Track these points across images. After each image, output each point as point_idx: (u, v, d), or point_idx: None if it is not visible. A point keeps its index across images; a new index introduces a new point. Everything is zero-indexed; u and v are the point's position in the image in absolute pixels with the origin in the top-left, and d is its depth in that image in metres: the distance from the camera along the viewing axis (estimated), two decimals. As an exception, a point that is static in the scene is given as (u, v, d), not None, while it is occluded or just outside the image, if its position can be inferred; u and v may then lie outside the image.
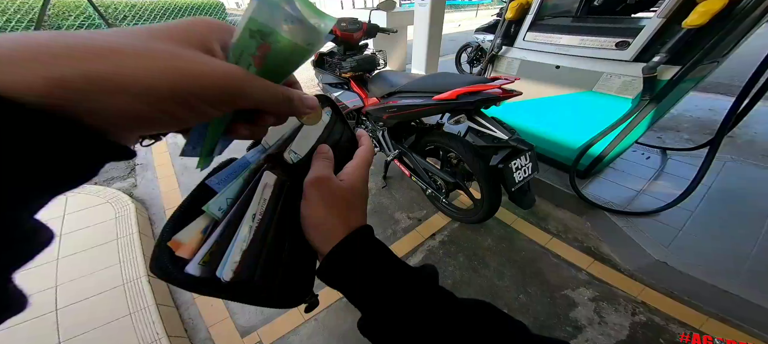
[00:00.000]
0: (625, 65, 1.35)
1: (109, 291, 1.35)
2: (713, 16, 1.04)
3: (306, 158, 0.27)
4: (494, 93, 0.99)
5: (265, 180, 0.23)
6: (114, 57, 0.13)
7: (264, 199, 0.23)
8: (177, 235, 0.20)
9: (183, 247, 0.20)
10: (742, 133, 2.35)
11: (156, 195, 2.09)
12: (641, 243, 1.44)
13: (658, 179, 1.87)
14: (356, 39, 1.81)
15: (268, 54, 0.18)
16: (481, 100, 1.01)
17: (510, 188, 1.14)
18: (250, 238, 0.21)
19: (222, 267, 0.20)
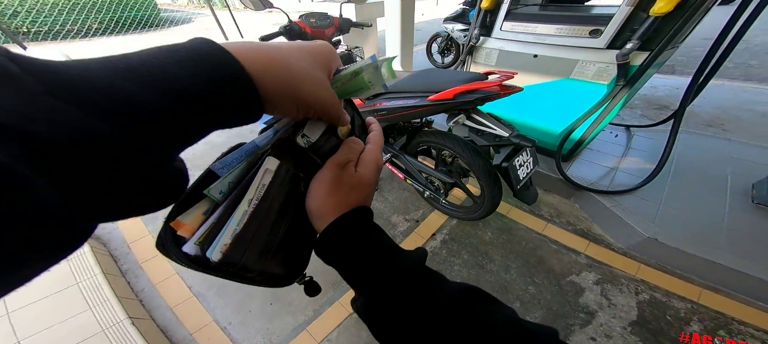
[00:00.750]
0: (599, 52, 1.50)
1: (90, 338, 1.27)
2: (677, 3, 1.20)
3: (317, 142, 0.29)
4: (494, 90, 1.05)
5: (266, 165, 0.25)
6: (306, 84, 0.24)
7: (263, 185, 0.25)
8: (180, 217, 0.22)
9: (184, 227, 0.22)
10: (694, 110, 2.72)
11: (112, 228, 1.92)
12: (629, 221, 1.62)
13: (629, 155, 2.11)
14: (328, 35, 1.74)
15: (350, 82, 0.28)
16: (480, 98, 1.07)
17: (515, 186, 1.21)
18: (244, 222, 0.23)
19: (212, 249, 0.22)
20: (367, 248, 0.28)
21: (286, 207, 0.27)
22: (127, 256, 1.76)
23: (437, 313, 0.25)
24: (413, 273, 0.27)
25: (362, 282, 0.28)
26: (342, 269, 0.29)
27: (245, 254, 0.23)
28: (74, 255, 1.64)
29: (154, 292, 1.57)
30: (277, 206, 0.26)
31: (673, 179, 1.85)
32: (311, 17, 1.69)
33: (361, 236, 0.29)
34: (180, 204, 0.23)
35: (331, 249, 0.29)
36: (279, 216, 0.26)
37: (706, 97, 2.61)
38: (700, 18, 1.33)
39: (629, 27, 1.38)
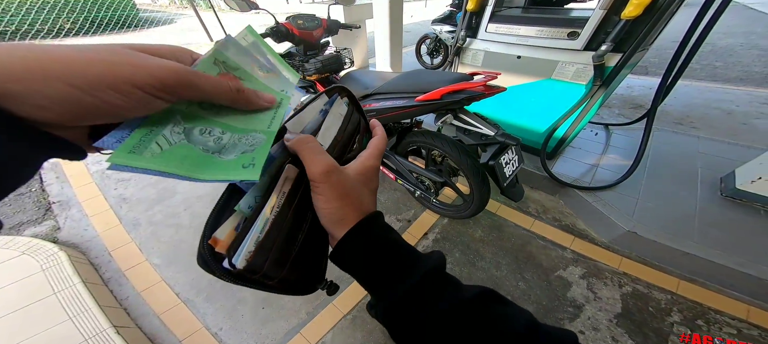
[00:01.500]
0: (577, 54, 1.60)
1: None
2: (646, 6, 1.30)
3: (329, 149, 0.31)
4: (479, 90, 1.10)
5: (287, 173, 0.26)
6: (56, 52, 0.16)
7: (283, 192, 0.26)
8: (216, 233, 0.24)
9: (220, 243, 0.23)
10: (668, 109, 2.90)
11: (92, 237, 1.87)
12: (610, 216, 1.71)
13: (609, 152, 2.23)
14: (316, 37, 1.76)
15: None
16: (466, 98, 1.12)
17: (502, 184, 1.27)
18: (266, 230, 0.24)
19: (237, 256, 0.22)
20: (385, 255, 0.29)
21: (305, 214, 0.28)
22: (108, 264, 1.72)
23: (458, 317, 0.25)
24: (432, 279, 0.28)
25: (382, 289, 0.28)
26: (360, 276, 0.29)
27: (267, 261, 0.24)
28: (48, 265, 1.61)
29: (140, 300, 1.54)
30: (296, 213, 0.27)
31: (649, 174, 1.97)
32: (298, 19, 1.69)
33: (377, 243, 0.29)
34: (213, 221, 0.24)
35: (349, 258, 0.29)
36: (298, 223, 0.27)
37: (675, 97, 2.80)
38: (666, 21, 1.44)
39: (603, 29, 1.48)
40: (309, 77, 1.75)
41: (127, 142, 0.19)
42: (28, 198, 2.13)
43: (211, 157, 0.23)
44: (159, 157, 0.20)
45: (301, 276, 0.29)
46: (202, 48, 6.50)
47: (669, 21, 1.43)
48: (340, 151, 0.33)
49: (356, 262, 0.29)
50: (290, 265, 0.26)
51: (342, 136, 0.33)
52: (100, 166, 2.44)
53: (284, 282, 0.26)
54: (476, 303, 0.26)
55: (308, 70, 1.71)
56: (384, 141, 0.35)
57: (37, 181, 2.28)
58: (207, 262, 0.23)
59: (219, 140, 0.24)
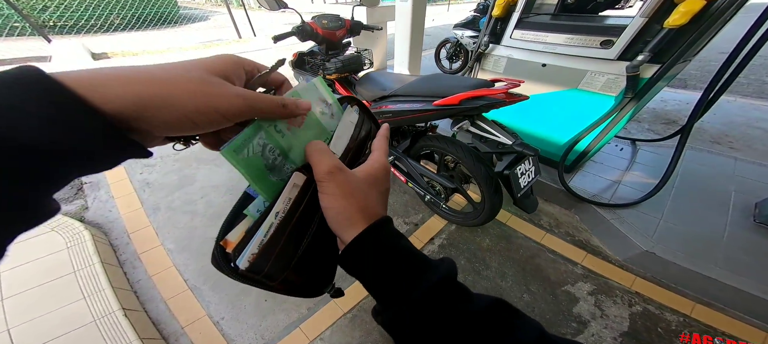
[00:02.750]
0: (609, 63, 1.42)
1: (80, 328, 1.22)
2: (693, 16, 1.12)
3: (342, 157, 0.31)
4: (499, 98, 0.98)
5: (294, 180, 0.26)
6: (167, 83, 0.20)
7: (289, 198, 0.26)
8: (228, 235, 0.24)
9: (231, 245, 0.24)
10: (698, 126, 2.63)
11: (115, 218, 1.87)
12: (628, 234, 1.55)
13: (633, 169, 2.02)
14: (339, 37, 1.72)
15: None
16: (485, 105, 1.00)
17: (516, 194, 1.15)
18: (270, 234, 0.24)
19: (241, 258, 0.23)
20: (394, 261, 0.27)
21: (311, 220, 0.28)
22: (126, 246, 1.71)
23: (469, 328, 0.24)
24: (443, 288, 0.26)
25: (391, 297, 0.26)
26: (368, 282, 0.28)
27: (269, 263, 0.24)
28: (73, 243, 1.62)
29: (150, 284, 1.51)
30: (301, 219, 0.27)
31: (676, 194, 1.76)
32: (323, 19, 1.66)
33: (387, 249, 0.27)
34: (227, 225, 0.25)
35: (357, 263, 0.27)
36: (303, 228, 0.27)
37: (715, 113, 2.51)
38: (715, 32, 1.25)
39: (642, 38, 1.31)
40: (329, 76, 1.69)
41: (234, 142, 0.24)
42: (63, 178, 2.18)
43: (266, 172, 0.26)
44: (244, 160, 0.24)
45: (306, 280, 0.28)
46: (231, 45, 6.63)
47: (719, 31, 1.24)
48: (352, 158, 0.32)
49: (365, 267, 0.27)
50: (294, 268, 0.26)
51: (353, 144, 0.33)
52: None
53: (288, 284, 0.26)
54: (487, 314, 0.25)
55: (328, 69, 1.66)
56: (386, 136, 0.34)
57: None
58: (218, 262, 0.24)
59: (275, 160, 0.27)
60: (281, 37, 1.56)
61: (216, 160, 2.38)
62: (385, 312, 0.27)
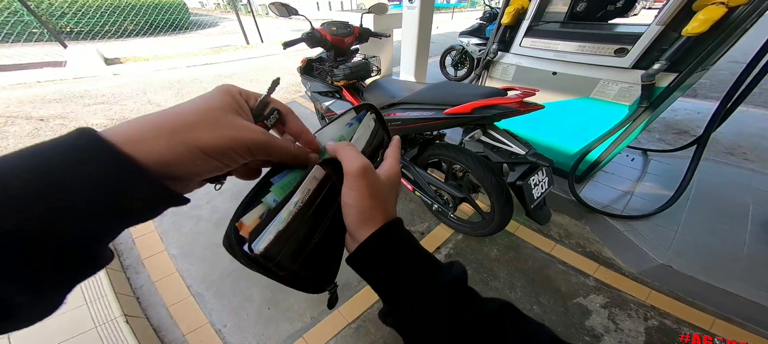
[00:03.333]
0: (623, 72, 1.37)
1: (80, 335, 1.18)
2: (713, 24, 1.07)
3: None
4: (513, 106, 0.93)
5: (314, 173, 0.27)
6: (199, 130, 0.20)
7: (309, 189, 0.26)
8: (243, 218, 0.24)
9: (245, 228, 0.24)
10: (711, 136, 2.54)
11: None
12: (642, 247, 1.48)
13: (645, 180, 1.95)
14: (348, 44, 1.71)
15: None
16: (498, 113, 0.95)
17: (529, 205, 1.10)
18: (287, 221, 0.24)
19: (257, 242, 0.23)
20: (406, 261, 0.27)
21: (324, 214, 0.28)
22: (130, 251, 1.68)
23: (480, 330, 0.24)
24: (454, 289, 0.26)
25: (401, 296, 0.26)
26: (378, 281, 0.28)
27: (282, 252, 0.24)
28: None
29: (153, 289, 1.47)
30: (316, 213, 0.27)
31: (692, 207, 1.69)
32: (332, 26, 1.65)
33: (399, 249, 0.28)
34: (243, 208, 0.25)
35: (370, 261, 0.28)
36: (316, 222, 0.27)
37: (727, 123, 2.42)
38: (735, 40, 1.19)
39: (658, 47, 1.26)
40: (337, 82, 1.67)
41: (282, 182, 0.27)
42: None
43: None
44: (281, 201, 0.25)
45: (311, 274, 0.28)
46: (239, 51, 6.68)
47: (739, 39, 1.19)
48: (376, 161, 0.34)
49: (377, 266, 0.27)
50: (303, 260, 0.26)
51: (368, 149, 0.33)
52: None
53: (295, 275, 0.26)
54: (498, 316, 0.25)
55: (337, 75, 1.63)
56: (398, 145, 0.35)
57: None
58: (231, 243, 0.23)
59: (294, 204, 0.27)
60: (291, 44, 1.55)
61: (222, 164, 2.36)
62: (395, 313, 0.27)
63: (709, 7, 1.09)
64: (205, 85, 4.30)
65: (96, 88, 4.04)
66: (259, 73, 4.98)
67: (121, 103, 3.53)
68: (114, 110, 3.32)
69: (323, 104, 1.80)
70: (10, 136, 2.70)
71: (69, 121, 3.02)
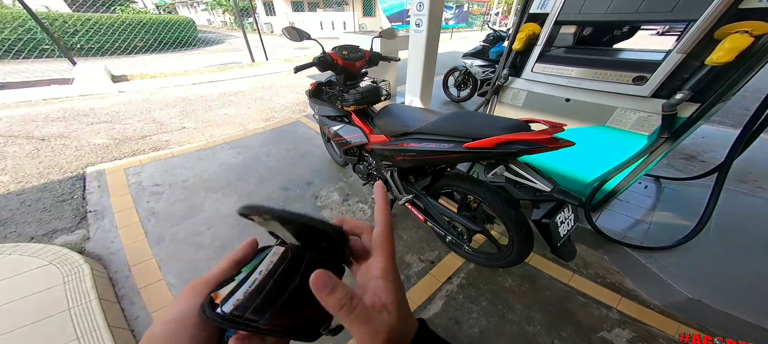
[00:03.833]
0: (642, 101, 1.32)
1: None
2: (739, 53, 1.03)
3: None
4: (542, 142, 0.87)
5: (274, 250, 0.29)
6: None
7: (271, 261, 0.28)
8: (218, 291, 0.27)
9: (218, 297, 0.26)
10: (716, 161, 2.48)
11: (117, 249, 1.74)
12: (668, 279, 1.39)
13: (661, 209, 1.86)
14: (358, 68, 1.67)
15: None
16: (525, 149, 0.89)
17: (555, 243, 1.01)
18: (255, 284, 0.26)
19: (227, 304, 0.25)
20: None
21: (291, 275, 0.28)
22: (126, 280, 1.57)
23: None
24: None
25: None
26: None
27: (254, 305, 0.25)
28: (70, 278, 1.49)
29: (149, 322, 1.37)
30: (285, 273, 0.28)
31: (715, 238, 1.60)
32: (343, 50, 1.61)
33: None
34: (218, 286, 0.28)
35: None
36: (284, 280, 0.28)
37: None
38: (758, 69, 1.14)
39: (679, 76, 1.21)
40: (347, 107, 1.61)
41: (249, 264, 0.30)
42: (68, 206, 2.06)
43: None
44: (247, 274, 0.28)
45: (295, 322, 0.27)
46: (245, 69, 6.73)
47: (761, 68, 1.14)
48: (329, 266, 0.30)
49: None
50: (280, 308, 0.26)
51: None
52: (137, 178, 2.38)
53: (276, 325, 0.26)
54: None
55: (347, 100, 1.58)
56: (390, 227, 0.30)
57: (81, 189, 2.24)
58: (204, 310, 0.25)
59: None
60: (302, 68, 1.51)
61: (225, 189, 2.28)
62: None
63: (734, 36, 1.05)
64: (210, 103, 4.27)
65: (101, 106, 4.01)
66: (263, 91, 4.97)
67: (125, 122, 3.48)
68: (117, 129, 3.27)
69: (331, 128, 1.74)
70: (9, 157, 2.62)
71: (70, 141, 2.95)
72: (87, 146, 2.87)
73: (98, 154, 2.74)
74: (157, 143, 2.98)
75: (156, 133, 3.20)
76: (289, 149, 2.87)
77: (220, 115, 3.82)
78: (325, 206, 2.11)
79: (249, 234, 1.93)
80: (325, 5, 17.71)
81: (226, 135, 3.19)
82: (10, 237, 1.79)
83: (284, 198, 2.19)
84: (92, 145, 2.89)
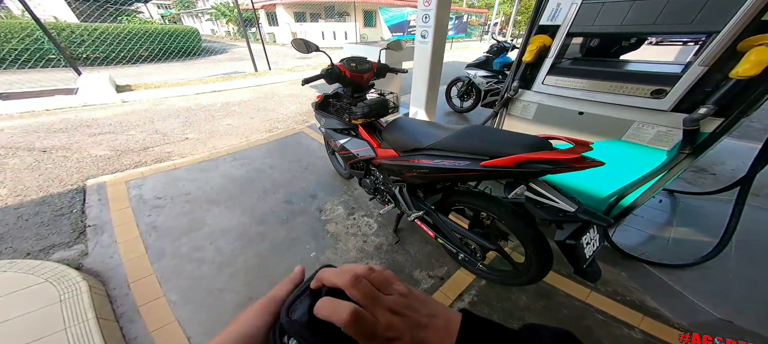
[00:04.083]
0: (661, 115, 1.27)
1: None
2: (766, 66, 0.98)
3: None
4: (568, 162, 0.81)
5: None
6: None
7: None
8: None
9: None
10: (731, 175, 2.42)
11: (116, 265, 1.68)
12: (693, 297, 1.33)
13: (678, 224, 1.80)
14: (366, 80, 1.64)
15: None
16: (550, 169, 0.83)
17: (580, 265, 0.95)
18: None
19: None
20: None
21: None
22: (125, 297, 1.51)
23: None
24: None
25: None
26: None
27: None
28: (67, 296, 1.42)
29: (148, 341, 1.30)
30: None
31: (739, 254, 1.54)
32: (352, 62, 1.58)
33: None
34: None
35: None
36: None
37: (743, 162, 2.31)
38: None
39: (700, 89, 1.16)
40: (354, 121, 1.56)
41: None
42: (67, 220, 2.00)
43: None
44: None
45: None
46: (248, 78, 6.75)
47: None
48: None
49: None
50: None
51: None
52: (138, 191, 2.32)
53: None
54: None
55: (355, 113, 1.54)
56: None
57: (80, 202, 2.18)
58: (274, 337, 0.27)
59: None
60: (309, 80, 1.48)
61: (228, 201, 2.22)
62: None
63: (759, 48, 1.01)
64: (213, 113, 4.25)
65: (104, 117, 3.98)
66: (266, 101, 4.96)
67: (127, 133, 3.45)
68: (119, 140, 3.23)
69: (338, 142, 1.69)
70: (9, 169, 2.58)
71: (72, 152, 2.91)
72: (88, 158, 2.83)
73: (99, 165, 2.70)
74: (159, 154, 2.94)
75: (158, 145, 3.16)
76: (292, 161, 2.83)
77: (223, 125, 3.79)
78: (330, 220, 2.05)
79: (254, 250, 1.83)
80: (326, 16, 17.94)
81: (228, 146, 3.15)
82: (5, 253, 1.73)
83: (288, 211, 2.13)
84: (94, 157, 2.85)
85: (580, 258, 0.94)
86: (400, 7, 18.27)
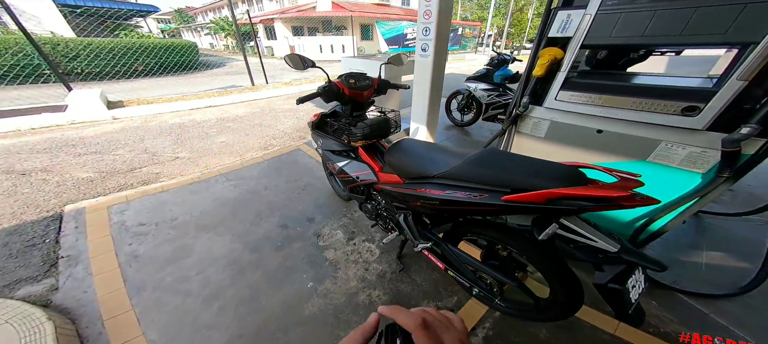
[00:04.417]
0: (694, 134, 1.15)
1: None
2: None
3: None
4: (617, 200, 0.67)
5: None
6: None
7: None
8: None
9: None
10: (740, 187, 2.30)
11: (89, 300, 1.51)
12: (738, 331, 1.18)
13: (707, 248, 1.66)
14: (366, 97, 1.51)
15: None
16: (588, 206, 0.69)
17: (627, 310, 0.80)
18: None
19: None
20: None
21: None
22: (98, 337, 1.34)
23: None
24: None
25: None
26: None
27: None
28: (29, 340, 1.21)
29: None
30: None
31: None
32: (350, 78, 1.46)
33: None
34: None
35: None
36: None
37: (756, 175, 2.19)
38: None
39: (739, 106, 1.04)
40: (354, 143, 1.42)
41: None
42: (37, 252, 1.82)
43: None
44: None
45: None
46: (244, 92, 6.64)
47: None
48: None
49: None
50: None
51: None
52: (120, 217, 2.15)
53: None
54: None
55: (355, 134, 1.40)
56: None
57: (55, 231, 2.00)
58: None
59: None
60: (305, 99, 1.34)
61: (218, 227, 2.05)
62: None
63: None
64: (206, 130, 4.10)
65: (92, 135, 3.82)
66: (263, 116, 4.84)
67: (114, 152, 3.28)
68: (105, 161, 3.06)
69: (337, 164, 1.55)
70: (-16, 194, 2.39)
71: (53, 175, 2.74)
72: (70, 181, 2.65)
73: (81, 189, 2.52)
74: (146, 176, 2.77)
75: (146, 165, 3.00)
76: (288, 181, 2.67)
77: (217, 143, 3.64)
78: (329, 246, 1.88)
79: (246, 280, 1.65)
80: (324, 30, 18.12)
81: (221, 165, 2.99)
82: (-36, 291, 1.54)
83: (283, 237, 1.96)
84: (76, 180, 2.68)
85: (627, 303, 0.79)
86: (397, 21, 18.53)
